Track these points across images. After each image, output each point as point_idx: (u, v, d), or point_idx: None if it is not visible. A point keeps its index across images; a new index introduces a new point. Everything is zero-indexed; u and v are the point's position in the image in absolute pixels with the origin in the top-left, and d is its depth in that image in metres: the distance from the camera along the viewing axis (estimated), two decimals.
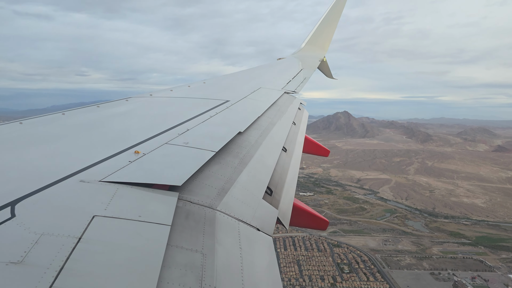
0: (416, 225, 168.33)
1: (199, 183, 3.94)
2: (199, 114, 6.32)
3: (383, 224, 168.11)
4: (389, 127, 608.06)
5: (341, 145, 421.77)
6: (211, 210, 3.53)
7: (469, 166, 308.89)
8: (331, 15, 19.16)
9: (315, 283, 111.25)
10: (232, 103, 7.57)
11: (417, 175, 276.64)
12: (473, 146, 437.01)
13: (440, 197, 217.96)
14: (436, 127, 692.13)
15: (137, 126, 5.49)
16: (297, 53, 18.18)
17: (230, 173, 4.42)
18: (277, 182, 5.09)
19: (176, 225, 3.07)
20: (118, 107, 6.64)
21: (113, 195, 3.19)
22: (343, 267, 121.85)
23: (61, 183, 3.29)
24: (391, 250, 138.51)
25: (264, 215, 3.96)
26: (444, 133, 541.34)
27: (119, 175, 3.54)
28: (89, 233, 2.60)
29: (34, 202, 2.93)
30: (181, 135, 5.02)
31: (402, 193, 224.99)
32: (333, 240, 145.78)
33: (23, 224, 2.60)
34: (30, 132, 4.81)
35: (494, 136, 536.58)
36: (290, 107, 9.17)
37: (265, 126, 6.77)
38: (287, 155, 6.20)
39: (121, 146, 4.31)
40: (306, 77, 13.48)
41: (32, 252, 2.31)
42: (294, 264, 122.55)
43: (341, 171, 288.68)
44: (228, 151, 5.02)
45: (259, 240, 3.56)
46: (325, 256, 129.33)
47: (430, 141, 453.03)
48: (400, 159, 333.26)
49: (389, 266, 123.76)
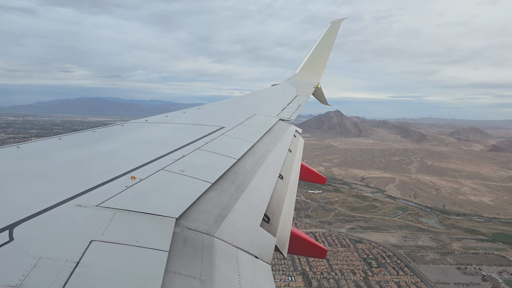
0: (430, 222, 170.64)
1: (196, 209, 3.91)
2: (195, 140, 6.41)
3: (398, 221, 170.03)
4: (382, 127, 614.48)
5: (337, 144, 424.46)
6: (209, 237, 3.49)
7: (469, 165, 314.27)
8: (325, 41, 19.44)
9: (347, 276, 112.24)
10: (227, 129, 7.65)
11: (419, 174, 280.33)
12: (468, 145, 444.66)
13: (447, 195, 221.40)
14: (427, 127, 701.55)
15: (133, 151, 5.56)
16: (291, 79, 18.38)
17: (227, 200, 4.45)
18: (274, 210, 5.12)
19: (173, 251, 3.05)
20: (114, 132, 6.75)
21: (110, 219, 3.20)
22: (370, 262, 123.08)
23: (59, 207, 3.29)
24: (413, 246, 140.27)
25: (262, 242, 3.93)
26: (436, 133, 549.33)
27: (115, 200, 3.56)
28: (87, 257, 2.60)
29: (32, 225, 2.92)
30: (177, 161, 5.10)
31: (409, 191, 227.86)
32: (353, 236, 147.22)
33: (21, 247, 2.59)
34: (27, 156, 4.82)
35: (487, 136, 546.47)
36: (286, 134, 9.22)
37: (261, 153, 6.83)
38: (283, 182, 6.21)
39: (117, 171, 4.36)
40: (301, 104, 13.63)
41: (31, 276, 2.31)
42: (322, 259, 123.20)
43: (344, 170, 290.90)
44: (224, 177, 5.06)
45: (258, 268, 3.51)
46: (350, 252, 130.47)
47: (425, 141, 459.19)
48: (399, 158, 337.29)
49: (414, 261, 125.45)
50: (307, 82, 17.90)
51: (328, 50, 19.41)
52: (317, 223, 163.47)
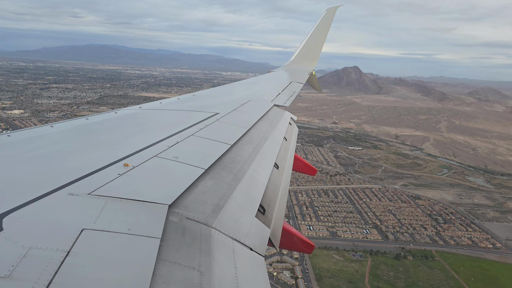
0: (478, 181, 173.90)
1: (194, 198, 3.95)
2: (189, 126, 6.38)
3: (446, 179, 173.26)
4: (399, 85, 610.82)
5: (359, 101, 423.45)
6: (207, 227, 3.51)
7: (497, 126, 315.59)
8: (320, 29, 19.59)
9: (419, 231, 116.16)
10: (221, 115, 7.65)
11: (451, 133, 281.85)
12: (490, 106, 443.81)
13: (485, 155, 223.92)
14: (441, 86, 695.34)
15: (126, 139, 5.54)
16: (286, 66, 18.76)
17: (225, 189, 4.47)
18: (270, 201, 5.17)
19: (173, 241, 3.08)
20: (107, 119, 6.67)
21: (102, 208, 3.18)
22: (436, 218, 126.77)
23: (50, 196, 3.27)
24: (470, 204, 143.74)
25: (257, 234, 3.99)
26: (454, 92, 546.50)
27: (108, 188, 3.56)
28: (78, 246, 2.58)
29: (22, 215, 2.89)
30: (171, 148, 5.11)
31: (447, 150, 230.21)
32: (409, 192, 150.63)
33: (11, 237, 2.57)
34: (18, 144, 4.77)
35: (505, 97, 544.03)
36: (281, 121, 9.19)
37: (257, 141, 6.82)
38: (278, 172, 6.21)
39: (110, 158, 4.35)
40: (295, 91, 13.72)
41: (20, 266, 2.28)
42: (389, 213, 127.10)
43: (375, 127, 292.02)
44: (222, 165, 5.09)
45: (252, 260, 3.55)
46: (412, 207, 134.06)
47: (447, 100, 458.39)
48: (425, 117, 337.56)
49: (478, 219, 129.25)
50: (301, 69, 18.34)
51: (323, 38, 19.64)
52: (369, 178, 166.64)
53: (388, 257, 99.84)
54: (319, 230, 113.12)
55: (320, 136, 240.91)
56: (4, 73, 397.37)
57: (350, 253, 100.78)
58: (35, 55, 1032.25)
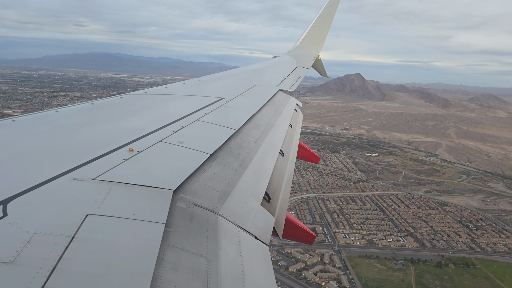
0: (499, 186, 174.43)
1: (202, 184, 3.94)
2: (194, 111, 6.33)
3: (467, 185, 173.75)
4: (401, 91, 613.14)
5: (365, 108, 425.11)
6: (213, 215, 3.50)
7: (504, 131, 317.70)
8: (326, 14, 19.47)
9: (454, 238, 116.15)
10: (227, 100, 7.60)
11: (461, 139, 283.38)
12: (493, 112, 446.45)
13: (499, 160, 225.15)
14: (441, 93, 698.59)
15: (131, 123, 5.52)
16: (291, 52, 18.62)
17: (231, 175, 4.45)
18: (275, 189, 5.15)
19: (181, 227, 3.08)
20: (112, 104, 6.62)
21: (107, 193, 3.16)
22: (467, 224, 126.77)
23: (54, 181, 3.25)
24: (496, 210, 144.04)
25: (262, 223, 3.97)
26: (455, 99, 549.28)
27: (113, 173, 3.55)
28: (82, 232, 2.57)
29: (27, 200, 2.88)
30: (176, 132, 5.07)
31: (461, 156, 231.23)
32: (434, 198, 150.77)
33: (15, 223, 2.56)
34: (23, 129, 4.75)
35: (505, 103, 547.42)
36: (287, 107, 9.20)
37: (264, 127, 6.76)
38: (284, 159, 6.18)
39: (115, 143, 4.32)
40: (301, 76, 13.62)
41: (24, 252, 2.27)
42: (420, 221, 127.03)
43: (386, 133, 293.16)
44: (229, 151, 5.06)
45: (257, 249, 3.54)
46: (441, 214, 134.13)
47: (451, 106, 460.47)
48: (433, 123, 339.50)
49: (509, 225, 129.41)
50: (307, 54, 18.16)
51: (328, 23, 19.49)
52: (391, 185, 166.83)
53: (430, 266, 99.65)
54: (355, 239, 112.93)
55: (335, 143, 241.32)
56: (9, 81, 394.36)
57: (392, 262, 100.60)
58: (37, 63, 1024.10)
